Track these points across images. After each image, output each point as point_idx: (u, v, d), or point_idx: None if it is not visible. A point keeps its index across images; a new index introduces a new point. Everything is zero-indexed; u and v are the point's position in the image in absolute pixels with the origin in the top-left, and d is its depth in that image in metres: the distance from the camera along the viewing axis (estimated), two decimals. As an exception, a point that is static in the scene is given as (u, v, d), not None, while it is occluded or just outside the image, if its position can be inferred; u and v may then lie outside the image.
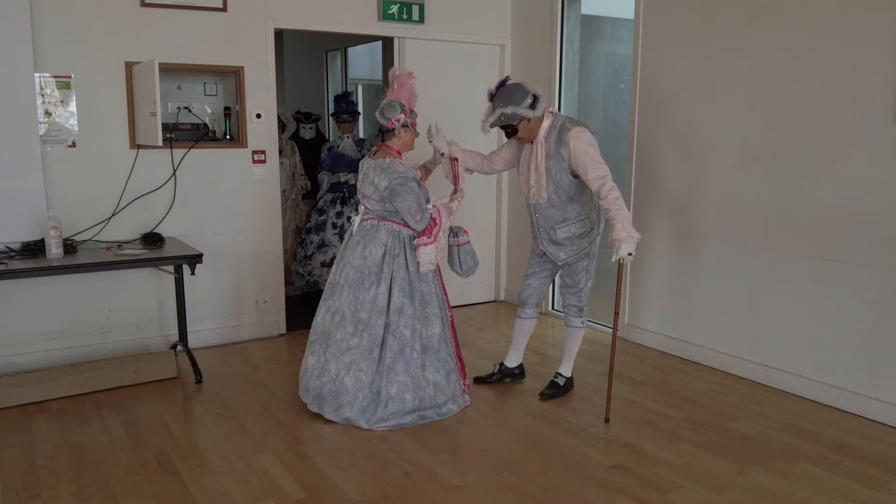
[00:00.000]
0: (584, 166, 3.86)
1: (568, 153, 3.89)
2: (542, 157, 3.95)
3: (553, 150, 3.93)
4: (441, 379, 4.00)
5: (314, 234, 6.39)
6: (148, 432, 3.81)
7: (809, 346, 4.25)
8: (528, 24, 6.06)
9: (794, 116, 4.21)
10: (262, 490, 3.21)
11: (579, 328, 4.32)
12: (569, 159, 3.89)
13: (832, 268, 4.10)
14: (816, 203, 4.14)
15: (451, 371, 4.06)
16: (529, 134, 3.97)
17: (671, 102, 4.91)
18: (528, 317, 4.46)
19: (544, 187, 3.98)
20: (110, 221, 4.82)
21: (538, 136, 3.97)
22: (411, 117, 3.98)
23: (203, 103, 5.28)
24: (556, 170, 3.94)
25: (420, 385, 3.92)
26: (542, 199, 4.02)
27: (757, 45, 4.36)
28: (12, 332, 4.61)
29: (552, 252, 4.15)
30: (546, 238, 4.14)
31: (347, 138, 6.45)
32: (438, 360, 4.00)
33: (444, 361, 4.03)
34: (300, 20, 5.37)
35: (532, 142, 4.00)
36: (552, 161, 3.94)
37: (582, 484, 3.26)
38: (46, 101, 4.57)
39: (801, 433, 3.81)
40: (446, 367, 4.04)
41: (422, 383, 3.92)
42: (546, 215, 4.06)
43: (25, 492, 3.18)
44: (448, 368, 4.05)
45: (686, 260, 4.89)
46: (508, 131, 3.98)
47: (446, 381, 4.03)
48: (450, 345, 4.10)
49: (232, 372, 4.75)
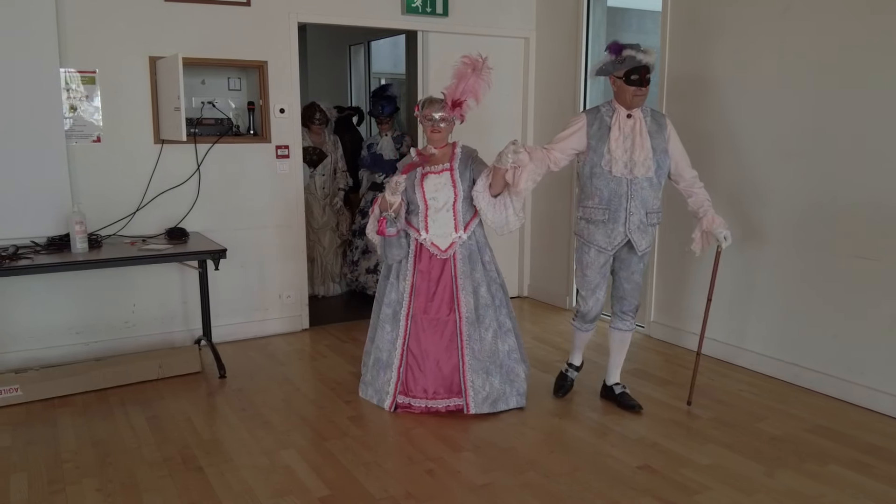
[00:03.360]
0: (681, 152, 3.85)
1: (668, 136, 3.81)
2: (647, 133, 3.75)
3: (654, 130, 3.78)
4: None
5: (358, 239, 6.37)
6: (172, 427, 3.82)
7: (840, 344, 4.16)
8: (553, 16, 6.00)
9: (830, 111, 4.12)
10: (285, 486, 3.20)
11: (633, 329, 4.15)
12: (669, 143, 3.82)
13: (864, 265, 4.01)
14: (849, 199, 4.06)
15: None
16: (647, 95, 3.77)
17: (699, 95, 4.83)
18: (592, 329, 4.17)
19: (652, 161, 3.75)
20: (135, 216, 4.83)
21: (639, 109, 3.79)
22: (422, 111, 3.89)
23: (227, 98, 5.27)
24: (659, 151, 3.78)
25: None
26: (650, 173, 3.75)
27: (791, 36, 4.27)
28: (38, 326, 4.64)
29: (637, 239, 3.83)
30: (638, 222, 3.80)
31: (386, 136, 6.34)
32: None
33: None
34: (324, 14, 5.34)
35: (630, 114, 3.76)
36: (654, 141, 3.76)
37: (607, 485, 3.22)
38: (72, 97, 4.59)
39: (831, 434, 3.74)
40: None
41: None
42: (644, 196, 3.78)
43: (51, 486, 3.20)
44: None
45: (712, 256, 4.81)
46: (648, 78, 3.72)
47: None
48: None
49: (255, 367, 4.75)
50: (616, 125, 3.76)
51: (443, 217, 3.92)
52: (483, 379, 3.94)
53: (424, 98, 3.97)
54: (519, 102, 6.24)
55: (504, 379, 4.00)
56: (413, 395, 3.99)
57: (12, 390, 4.08)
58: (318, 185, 6.36)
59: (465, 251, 3.97)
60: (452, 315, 3.95)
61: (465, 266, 3.96)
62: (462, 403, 3.95)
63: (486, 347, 3.95)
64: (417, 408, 3.98)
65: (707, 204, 3.88)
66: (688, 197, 3.93)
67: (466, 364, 3.92)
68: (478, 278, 3.98)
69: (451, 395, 3.97)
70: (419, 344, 3.97)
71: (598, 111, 3.87)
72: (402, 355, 3.98)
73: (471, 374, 3.92)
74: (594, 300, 4.01)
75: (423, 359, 3.97)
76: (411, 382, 3.99)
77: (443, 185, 3.91)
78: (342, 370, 4.69)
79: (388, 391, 4.02)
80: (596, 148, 3.79)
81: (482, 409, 3.93)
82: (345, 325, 5.69)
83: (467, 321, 3.94)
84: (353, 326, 5.64)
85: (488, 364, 3.95)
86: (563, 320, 5.80)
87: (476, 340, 3.94)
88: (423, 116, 3.85)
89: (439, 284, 3.96)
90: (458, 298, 3.94)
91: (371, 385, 4.16)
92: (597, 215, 3.85)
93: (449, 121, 3.84)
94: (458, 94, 3.76)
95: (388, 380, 4.03)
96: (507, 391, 4.00)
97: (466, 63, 3.73)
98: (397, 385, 4.00)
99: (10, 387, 4.08)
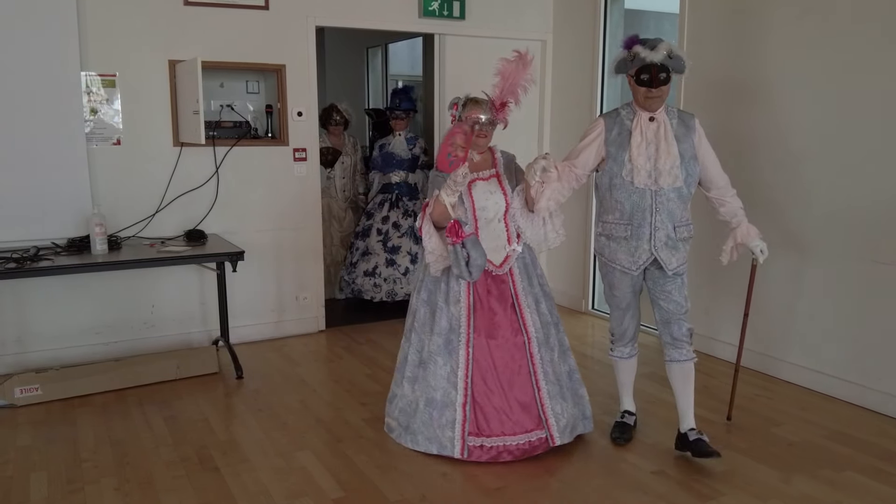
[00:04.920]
0: (712, 157, 3.44)
1: (696, 141, 3.40)
2: (672, 137, 3.33)
3: (681, 133, 3.36)
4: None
5: (360, 240, 6.14)
6: (189, 427, 3.86)
7: (857, 349, 4.13)
8: (570, 19, 5.99)
9: (848, 115, 4.09)
10: (301, 488, 3.22)
11: (694, 359, 3.54)
12: (698, 148, 3.40)
13: (881, 270, 3.98)
14: (863, 204, 4.03)
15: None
16: (666, 96, 3.35)
17: (716, 98, 4.81)
18: (633, 354, 3.71)
19: (679, 169, 3.32)
20: (154, 218, 4.88)
21: (662, 110, 3.38)
22: (462, 112, 3.46)
23: (245, 101, 5.32)
24: (688, 157, 3.34)
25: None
26: (678, 183, 3.31)
27: (810, 40, 4.25)
28: (58, 326, 4.70)
29: (665, 257, 3.38)
30: (664, 238, 3.36)
31: (399, 136, 6.22)
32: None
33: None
34: (341, 18, 5.37)
35: (653, 116, 3.35)
36: (682, 146, 3.33)
37: (622, 489, 3.21)
38: (92, 100, 4.64)
39: (848, 440, 3.71)
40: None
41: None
42: (671, 209, 3.34)
43: (70, 485, 3.24)
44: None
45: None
46: (662, 77, 3.26)
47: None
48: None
49: (272, 368, 4.79)
50: (637, 129, 3.34)
51: (494, 228, 3.50)
52: (561, 405, 3.52)
53: (464, 97, 3.50)
54: (535, 106, 6.24)
55: (574, 402, 3.61)
56: (486, 434, 3.42)
57: (33, 390, 4.14)
58: (338, 188, 6.38)
59: (521, 265, 3.58)
60: (520, 337, 3.50)
61: (524, 281, 3.57)
62: (544, 435, 3.47)
63: (556, 370, 3.56)
64: (494, 448, 3.42)
65: (741, 213, 3.49)
66: (719, 206, 3.50)
67: (543, 390, 3.48)
68: (536, 294, 3.60)
69: (529, 427, 3.46)
70: (485, 374, 3.45)
71: (617, 114, 3.46)
72: (466, 390, 3.44)
73: (549, 401, 3.48)
74: (629, 317, 3.61)
75: (491, 391, 3.44)
76: (481, 420, 3.43)
77: (492, 192, 3.49)
78: (358, 372, 4.71)
79: (452, 436, 3.44)
80: (615, 156, 3.38)
81: (565, 439, 3.51)
82: (361, 327, 5.71)
83: (536, 341, 3.51)
84: (370, 328, 5.66)
85: (562, 388, 3.56)
86: (580, 323, 5.80)
87: (548, 363, 3.53)
88: (467, 118, 3.40)
89: (500, 304, 3.52)
90: (523, 317, 3.52)
91: (422, 432, 3.52)
92: (618, 231, 3.43)
93: (495, 124, 3.46)
94: (504, 94, 3.39)
95: (450, 422, 3.45)
96: (576, 415, 3.62)
97: (511, 60, 3.35)
98: (464, 426, 3.43)
99: (30, 386, 4.14)
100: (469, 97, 3.48)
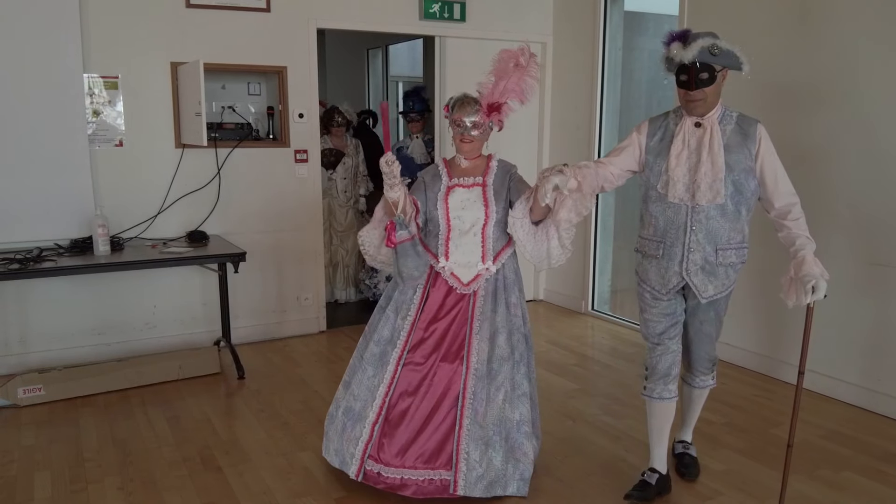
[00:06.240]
0: (774, 173, 2.93)
1: (757, 151, 2.92)
2: (719, 147, 2.89)
3: (736, 142, 2.91)
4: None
5: None
6: (191, 427, 3.88)
7: (856, 350, 4.16)
8: (570, 21, 6.02)
9: (848, 117, 4.12)
10: (303, 487, 3.25)
11: (711, 386, 3.34)
12: (756, 159, 2.93)
13: (879, 272, 4.01)
14: (862, 205, 4.05)
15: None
16: (713, 99, 2.91)
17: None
18: (670, 396, 3.13)
19: (723, 184, 2.88)
20: (156, 219, 4.91)
21: (712, 115, 2.94)
22: (452, 113, 3.16)
23: (247, 103, 5.35)
24: (740, 169, 2.88)
25: None
26: (718, 200, 2.88)
27: (811, 43, 4.27)
28: (61, 326, 4.72)
29: (699, 283, 2.97)
30: (700, 261, 2.95)
31: (417, 139, 6.16)
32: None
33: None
34: (342, 20, 5.40)
35: (699, 122, 2.93)
36: (734, 157, 2.89)
37: (621, 490, 3.22)
38: (95, 102, 4.67)
39: (846, 441, 3.74)
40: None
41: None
42: (711, 228, 2.92)
43: (73, 484, 3.26)
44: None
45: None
46: (703, 77, 2.85)
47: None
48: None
49: (273, 368, 4.81)
50: (680, 136, 2.95)
51: (468, 242, 3.16)
52: (481, 452, 3.05)
53: (456, 97, 3.19)
54: (536, 108, 6.25)
55: (507, 456, 3.10)
56: (385, 463, 3.09)
57: (36, 390, 4.16)
58: (339, 189, 6.39)
59: (490, 287, 3.19)
60: (458, 365, 3.12)
61: (486, 305, 3.17)
62: (449, 478, 3.05)
63: (492, 412, 3.09)
64: (390, 479, 3.08)
65: (800, 241, 2.92)
66: (777, 231, 3.00)
67: (464, 429, 3.05)
68: (498, 323, 3.16)
69: (436, 466, 3.07)
70: (406, 396, 3.12)
71: (664, 118, 3.08)
72: (382, 408, 3.12)
73: (466, 443, 3.04)
74: (662, 349, 3.10)
75: (408, 416, 3.10)
76: (386, 445, 3.09)
77: (472, 201, 3.15)
78: (359, 372, 4.72)
79: (353, 452, 3.13)
80: (653, 165, 3.01)
81: (473, 492, 3.04)
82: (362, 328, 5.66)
83: (475, 375, 3.09)
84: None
85: (491, 434, 3.07)
86: (578, 324, 5.82)
87: (481, 401, 3.08)
88: (453, 121, 3.13)
89: (450, 325, 3.17)
90: (470, 344, 3.13)
91: (333, 441, 3.25)
92: (650, 249, 3.06)
93: (484, 128, 3.12)
94: (496, 95, 3.09)
95: (355, 437, 3.14)
96: (508, 472, 3.10)
97: (506, 57, 3.07)
98: (367, 446, 3.10)
99: (33, 386, 4.16)
100: (458, 98, 3.17)
